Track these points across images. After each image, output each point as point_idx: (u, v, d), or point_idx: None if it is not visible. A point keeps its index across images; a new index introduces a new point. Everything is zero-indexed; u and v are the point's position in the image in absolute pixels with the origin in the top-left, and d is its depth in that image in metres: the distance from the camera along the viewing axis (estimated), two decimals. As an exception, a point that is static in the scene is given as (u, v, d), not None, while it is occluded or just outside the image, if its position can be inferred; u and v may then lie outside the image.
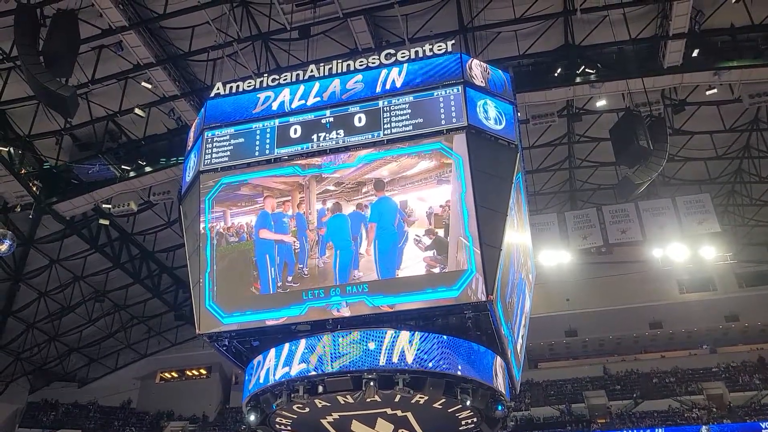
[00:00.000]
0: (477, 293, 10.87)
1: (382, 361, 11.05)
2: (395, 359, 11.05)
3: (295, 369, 11.34)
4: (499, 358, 12.44)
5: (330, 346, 11.33)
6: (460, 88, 12.40)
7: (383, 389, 10.91)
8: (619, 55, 21.94)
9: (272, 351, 11.93)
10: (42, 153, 24.20)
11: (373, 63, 13.40)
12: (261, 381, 11.93)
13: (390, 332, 11.32)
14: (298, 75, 13.87)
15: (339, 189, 12.57)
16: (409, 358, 11.09)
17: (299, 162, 12.81)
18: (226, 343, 12.66)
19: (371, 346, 11.20)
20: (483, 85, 12.73)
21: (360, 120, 12.77)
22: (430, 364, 11.09)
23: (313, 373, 11.20)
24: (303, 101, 13.35)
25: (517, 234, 13.35)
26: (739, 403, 32.38)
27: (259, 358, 12.28)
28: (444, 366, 11.20)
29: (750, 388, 33.24)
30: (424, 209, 11.91)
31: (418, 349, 11.20)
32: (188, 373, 42.21)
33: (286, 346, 11.71)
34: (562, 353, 40.30)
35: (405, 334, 11.34)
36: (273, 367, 11.71)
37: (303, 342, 11.54)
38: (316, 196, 12.65)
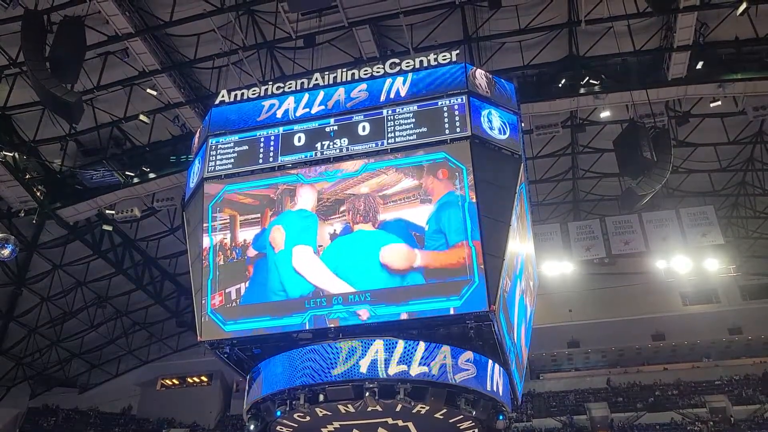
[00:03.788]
0: (480, 303, 10.83)
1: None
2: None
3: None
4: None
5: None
6: (464, 97, 12.42)
7: (384, 399, 10.87)
8: (623, 67, 21.98)
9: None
10: (47, 158, 24.27)
11: (377, 72, 13.44)
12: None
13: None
14: (302, 83, 13.92)
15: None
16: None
17: (302, 170, 12.82)
18: (228, 351, 12.62)
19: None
20: (487, 95, 12.76)
21: (364, 129, 12.79)
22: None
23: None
24: (307, 109, 13.39)
25: (520, 244, 13.32)
26: (742, 417, 32.12)
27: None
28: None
29: (753, 401, 33.01)
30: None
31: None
32: (189, 380, 42.06)
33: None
34: (564, 364, 40.12)
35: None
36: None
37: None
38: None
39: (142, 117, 22.62)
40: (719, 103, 22.91)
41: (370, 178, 12.36)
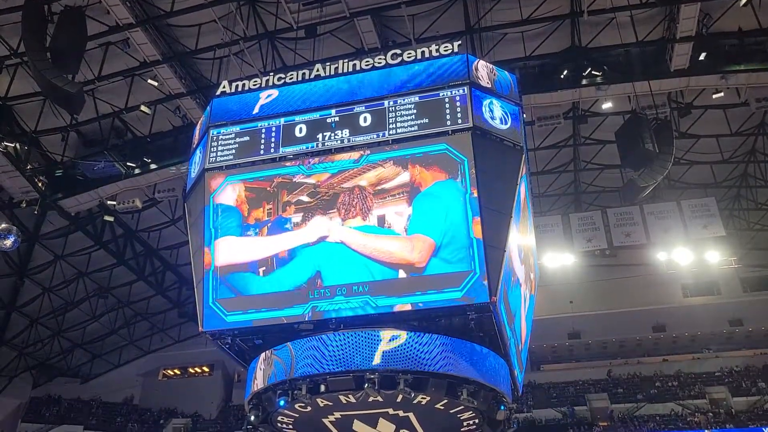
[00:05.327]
0: (481, 294, 10.84)
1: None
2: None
3: None
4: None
5: None
6: (466, 88, 12.36)
7: (385, 389, 10.89)
8: (625, 58, 21.90)
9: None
10: (48, 149, 24.27)
11: (379, 63, 13.40)
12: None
13: None
14: (304, 74, 13.87)
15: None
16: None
17: (304, 161, 12.81)
18: (229, 341, 12.64)
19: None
20: (489, 86, 12.71)
21: (365, 120, 12.75)
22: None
23: None
24: (309, 100, 13.35)
25: (521, 236, 13.32)
26: (742, 408, 32.25)
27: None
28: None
29: (753, 393, 33.12)
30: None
31: None
32: (191, 370, 42.23)
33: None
34: (564, 356, 40.20)
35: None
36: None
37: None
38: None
39: (143, 108, 22.62)
40: (722, 94, 22.82)
41: (369, 170, 12.33)
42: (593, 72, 21.72)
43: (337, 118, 12.97)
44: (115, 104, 23.21)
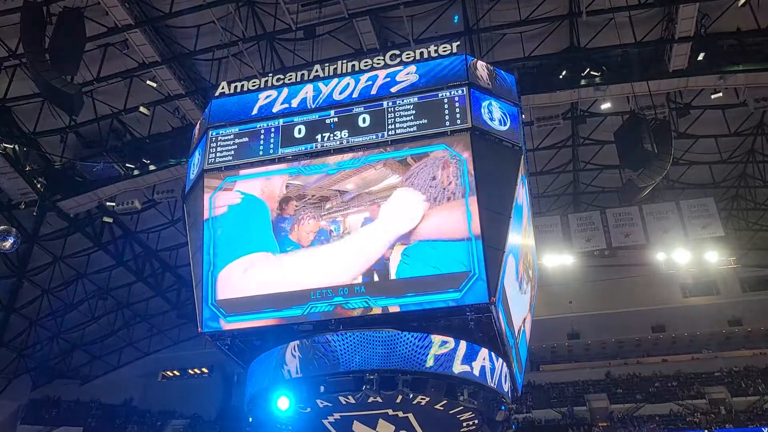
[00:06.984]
0: (480, 295, 10.83)
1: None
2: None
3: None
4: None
5: None
6: (464, 89, 12.35)
7: (384, 390, 10.88)
8: (624, 58, 21.91)
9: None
10: (47, 150, 24.25)
11: (378, 64, 13.40)
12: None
13: None
14: (303, 75, 13.87)
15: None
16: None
17: (303, 162, 12.80)
18: (228, 342, 12.63)
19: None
20: (488, 86, 12.70)
21: (364, 120, 12.74)
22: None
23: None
24: (307, 101, 13.35)
25: (520, 236, 13.32)
26: (742, 408, 32.26)
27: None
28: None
29: (752, 393, 33.13)
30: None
31: None
32: (190, 371, 42.23)
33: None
34: (564, 356, 40.21)
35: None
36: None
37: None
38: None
39: (142, 109, 22.62)
40: (720, 94, 22.86)
41: (367, 169, 12.34)
42: (592, 72, 21.75)
43: (336, 119, 12.96)
44: (114, 105, 23.21)
